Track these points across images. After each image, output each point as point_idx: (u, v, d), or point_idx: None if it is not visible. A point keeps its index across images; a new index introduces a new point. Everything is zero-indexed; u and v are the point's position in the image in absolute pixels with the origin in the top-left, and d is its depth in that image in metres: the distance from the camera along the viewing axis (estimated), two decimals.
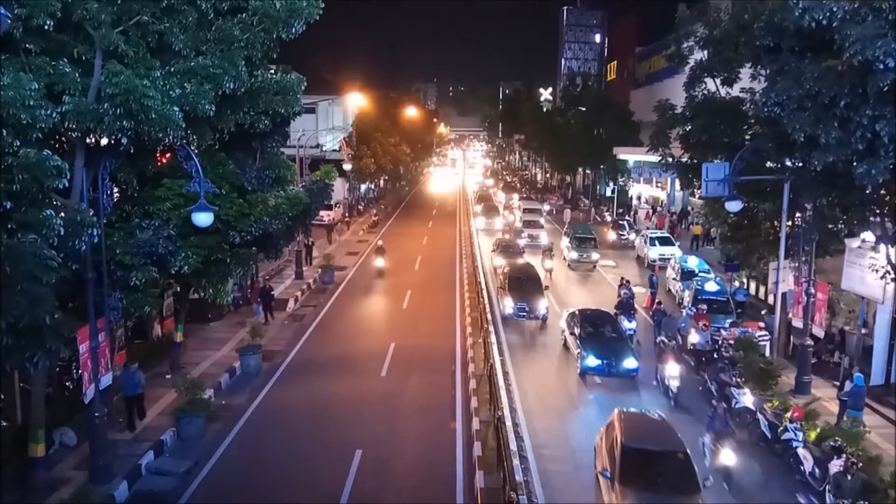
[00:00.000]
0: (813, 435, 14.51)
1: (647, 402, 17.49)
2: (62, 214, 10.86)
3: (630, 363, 18.97)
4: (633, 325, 22.52)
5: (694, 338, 20.31)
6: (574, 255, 34.56)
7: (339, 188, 49.34)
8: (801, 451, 13.95)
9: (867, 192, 13.85)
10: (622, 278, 26.43)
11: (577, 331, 20.54)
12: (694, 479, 11.67)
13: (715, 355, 19.11)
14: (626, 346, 19.79)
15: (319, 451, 15.29)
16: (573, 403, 18.31)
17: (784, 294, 20.57)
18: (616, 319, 21.64)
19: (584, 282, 32.64)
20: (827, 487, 12.60)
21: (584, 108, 59.77)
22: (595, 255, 34.80)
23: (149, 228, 14.09)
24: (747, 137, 20.02)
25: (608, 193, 60.59)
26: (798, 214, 19.45)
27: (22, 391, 14.41)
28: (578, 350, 19.74)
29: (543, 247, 33.08)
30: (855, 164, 12.85)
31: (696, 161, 21.46)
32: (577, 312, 21.91)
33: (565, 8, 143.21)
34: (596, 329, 20.48)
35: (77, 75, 11.50)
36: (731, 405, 17.24)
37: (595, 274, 34.22)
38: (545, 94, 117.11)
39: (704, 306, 23.00)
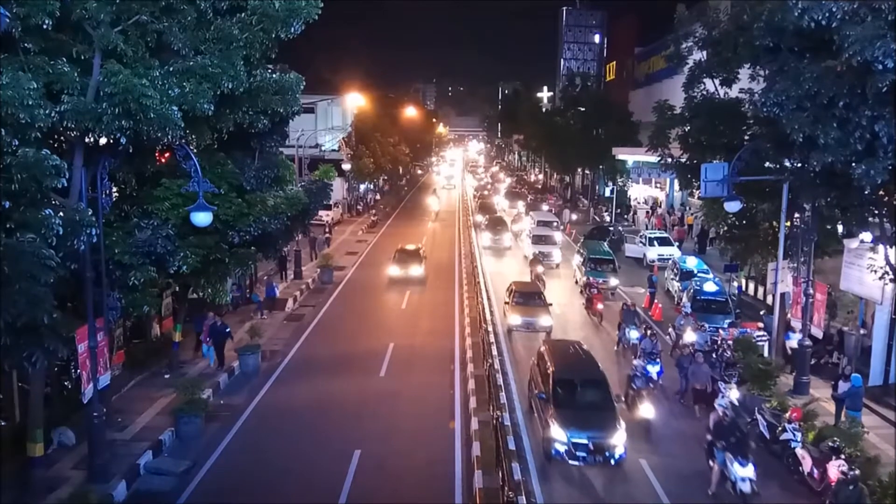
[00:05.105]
0: (811, 435, 14.54)
1: None
2: (61, 214, 10.83)
3: None
4: (748, 471, 12.79)
5: (692, 337, 20.34)
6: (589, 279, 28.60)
7: (339, 188, 49.35)
8: (799, 452, 14.00)
9: (866, 192, 13.84)
10: (646, 329, 20.46)
11: None
12: None
13: (714, 355, 19.14)
14: None
15: (318, 450, 15.27)
16: None
17: (783, 294, 20.60)
18: None
19: (610, 316, 25.01)
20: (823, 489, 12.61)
21: (583, 109, 59.76)
22: (613, 281, 29.34)
23: (147, 228, 14.06)
24: (746, 138, 20.06)
25: (607, 194, 60.60)
26: (797, 215, 19.46)
27: (20, 391, 14.41)
28: None
29: (642, 358, 18.44)
30: (854, 164, 12.87)
31: (695, 161, 21.49)
32: None
33: (564, 8, 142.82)
34: None
35: (76, 75, 11.49)
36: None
37: (617, 304, 25.78)
38: (544, 94, 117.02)
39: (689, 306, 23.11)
